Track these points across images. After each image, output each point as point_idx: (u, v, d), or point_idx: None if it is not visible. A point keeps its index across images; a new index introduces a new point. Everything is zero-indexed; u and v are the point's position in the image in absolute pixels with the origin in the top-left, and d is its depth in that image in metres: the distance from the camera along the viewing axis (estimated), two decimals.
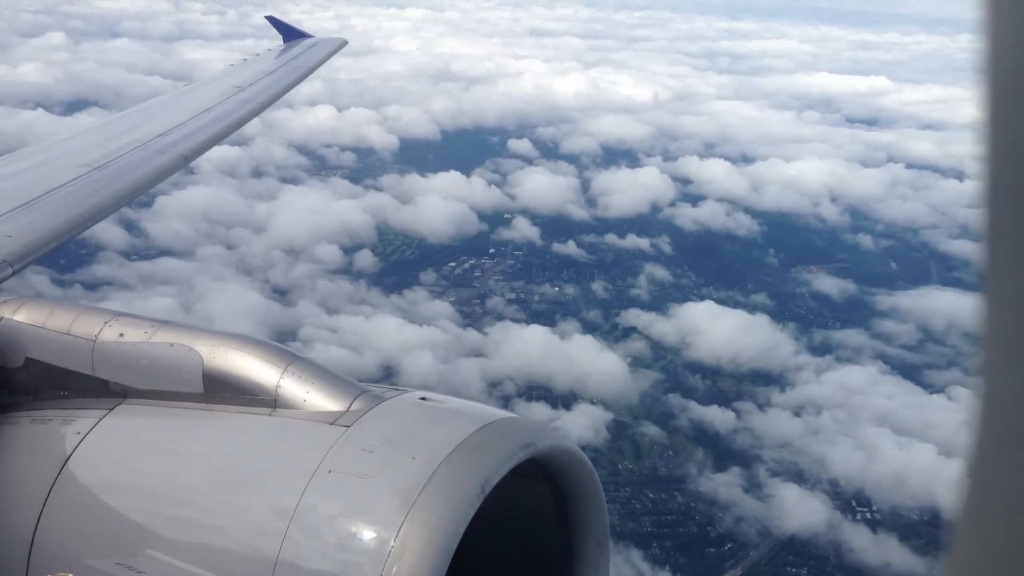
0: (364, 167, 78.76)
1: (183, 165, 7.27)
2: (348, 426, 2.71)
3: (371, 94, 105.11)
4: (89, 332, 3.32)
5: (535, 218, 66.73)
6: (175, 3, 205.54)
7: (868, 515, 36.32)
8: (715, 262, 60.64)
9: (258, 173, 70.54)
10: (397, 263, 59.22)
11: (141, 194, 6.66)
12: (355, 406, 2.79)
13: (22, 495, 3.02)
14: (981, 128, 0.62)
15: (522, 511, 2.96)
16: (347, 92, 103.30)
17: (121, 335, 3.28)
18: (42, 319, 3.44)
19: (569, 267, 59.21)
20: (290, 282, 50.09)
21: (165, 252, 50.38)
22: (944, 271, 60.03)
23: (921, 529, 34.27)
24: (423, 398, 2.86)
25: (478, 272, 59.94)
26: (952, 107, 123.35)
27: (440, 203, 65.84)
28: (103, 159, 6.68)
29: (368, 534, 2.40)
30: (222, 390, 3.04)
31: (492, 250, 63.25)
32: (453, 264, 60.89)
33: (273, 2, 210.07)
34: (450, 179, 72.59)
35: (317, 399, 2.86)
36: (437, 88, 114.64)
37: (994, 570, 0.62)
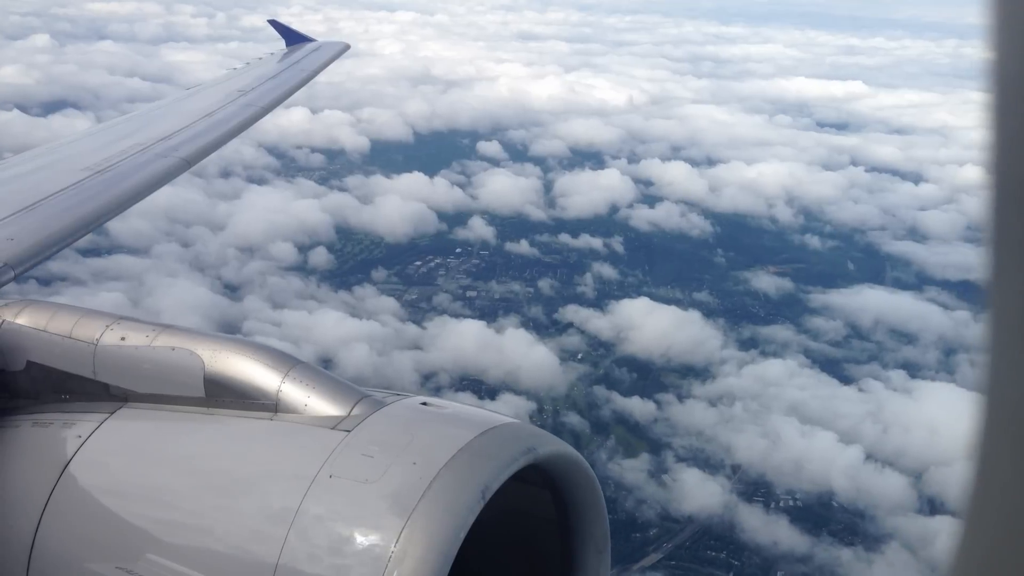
0: (332, 169, 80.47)
1: (185, 169, 7.24)
2: (349, 431, 2.73)
3: (348, 97, 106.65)
4: (91, 335, 3.33)
5: (494, 219, 68.45)
6: (166, 5, 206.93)
7: (780, 502, 38.03)
8: (664, 261, 62.37)
9: (226, 173, 72.20)
10: (362, 261, 60.87)
11: (143, 198, 6.61)
12: (356, 411, 2.82)
13: (22, 498, 3.02)
14: (986, 132, 0.64)
15: (523, 517, 2.98)
16: (324, 94, 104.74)
17: (123, 339, 3.29)
18: (44, 322, 3.44)
19: (531, 266, 60.85)
20: (242, 278, 51.88)
21: (121, 249, 52.06)
22: (884, 271, 61.84)
23: (818, 511, 35.99)
24: (424, 403, 2.89)
25: (442, 271, 61.62)
26: (923, 111, 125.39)
27: (400, 203, 67.59)
28: (105, 163, 6.70)
29: (369, 539, 2.42)
30: (223, 394, 3.06)
31: (459, 250, 64.99)
32: (419, 263, 62.62)
33: (264, 4, 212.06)
34: (414, 180, 74.36)
35: (318, 404, 2.89)
36: (415, 91, 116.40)
37: (997, 571, 0.63)
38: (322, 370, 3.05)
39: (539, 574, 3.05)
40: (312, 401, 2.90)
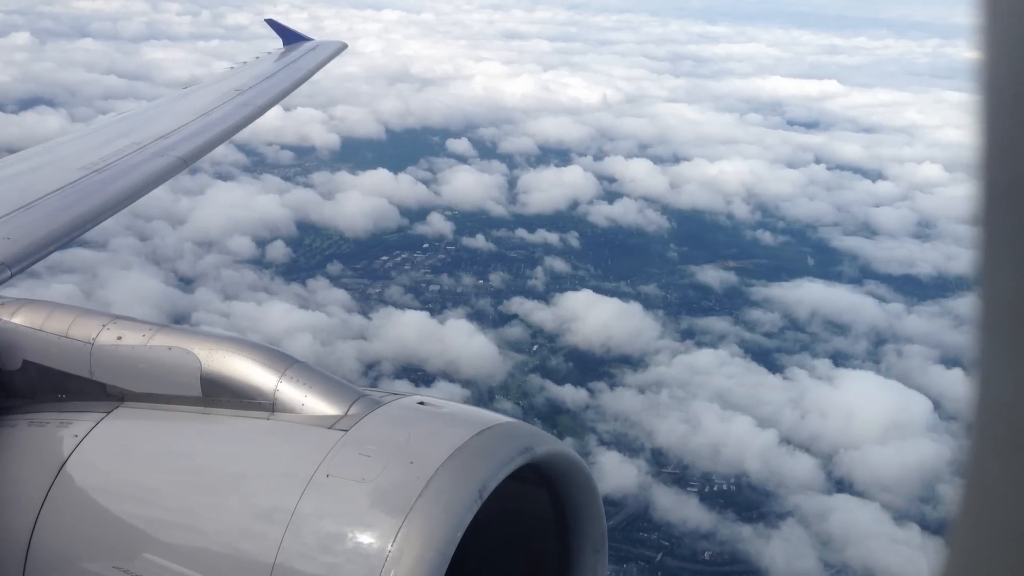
0: (301, 166, 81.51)
1: (182, 168, 7.24)
2: (346, 430, 2.74)
3: (323, 95, 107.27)
4: (87, 335, 3.35)
5: (456, 215, 69.68)
6: (152, 3, 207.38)
7: (715, 487, 39.28)
8: (618, 256, 63.77)
9: (193, 169, 72.91)
10: (326, 256, 61.96)
11: (140, 197, 6.63)
12: (353, 410, 2.83)
13: (19, 498, 3.03)
14: (976, 130, 0.63)
15: (520, 516, 2.99)
16: (299, 92, 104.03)
17: (119, 338, 3.30)
18: (40, 321, 3.46)
19: (496, 261, 62.06)
20: (197, 271, 53.21)
21: (79, 242, 53.15)
22: (831, 265, 63.36)
23: (744, 494, 37.41)
24: (421, 402, 2.90)
25: (408, 266, 62.75)
26: (893, 110, 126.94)
27: (362, 199, 68.77)
28: (102, 161, 6.69)
29: (365, 538, 2.43)
30: (220, 394, 3.07)
31: (426, 245, 66.18)
32: (386, 258, 63.79)
33: (250, 3, 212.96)
34: (378, 177, 75.48)
35: (315, 403, 2.89)
36: (390, 89, 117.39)
37: (990, 570, 0.63)
38: (319, 369, 3.08)
39: (536, 573, 3.06)
40: (309, 400, 2.92)
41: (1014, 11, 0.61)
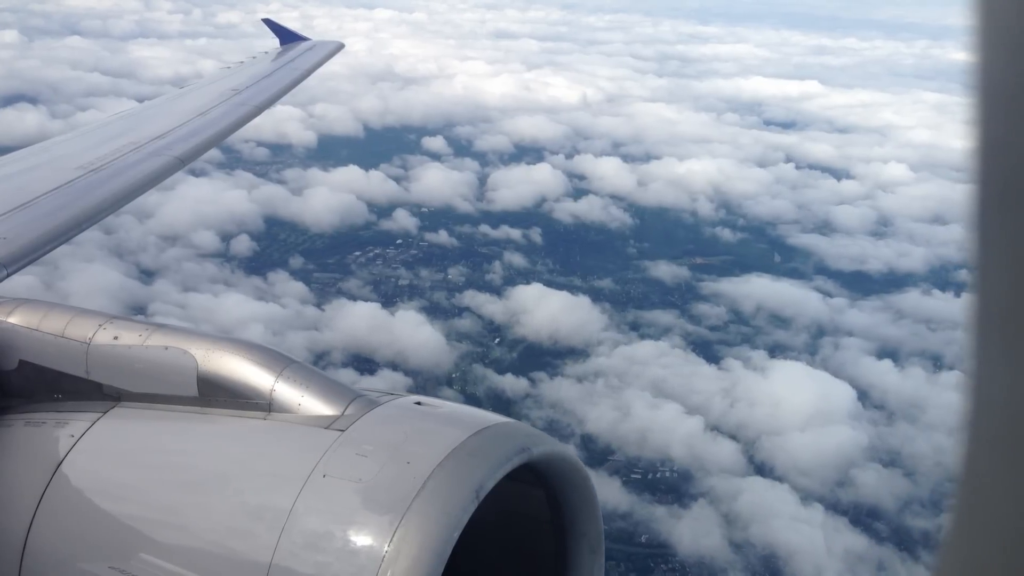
0: (275, 162, 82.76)
1: (179, 168, 7.31)
2: (343, 431, 2.75)
3: (304, 93, 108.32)
4: (83, 335, 3.36)
5: (424, 212, 70.98)
6: (144, 1, 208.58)
7: (657, 473, 40.45)
8: (577, 252, 65.05)
9: None
10: (296, 251, 63.21)
11: (136, 196, 6.67)
12: (350, 411, 2.84)
13: (15, 498, 3.03)
14: (972, 132, 0.64)
15: (517, 516, 3.01)
16: None
17: (116, 338, 3.32)
18: (36, 321, 3.47)
19: (466, 256, 63.24)
20: (159, 264, 54.57)
21: None
22: (786, 261, 64.68)
23: (660, 478, 38.80)
24: (418, 403, 2.91)
25: (380, 261, 64.06)
26: (870, 111, 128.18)
27: (330, 195, 70.12)
28: (99, 161, 6.72)
29: (362, 539, 2.44)
30: (217, 394, 3.08)
31: (399, 241, 67.49)
32: (358, 253, 65.15)
33: (243, 1, 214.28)
34: (349, 173, 76.80)
35: (312, 403, 2.91)
36: (372, 88, 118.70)
37: (987, 570, 0.64)
38: (316, 370, 3.14)
39: (533, 573, 3.08)
40: (306, 400, 2.93)
41: (1010, 12, 0.61)
